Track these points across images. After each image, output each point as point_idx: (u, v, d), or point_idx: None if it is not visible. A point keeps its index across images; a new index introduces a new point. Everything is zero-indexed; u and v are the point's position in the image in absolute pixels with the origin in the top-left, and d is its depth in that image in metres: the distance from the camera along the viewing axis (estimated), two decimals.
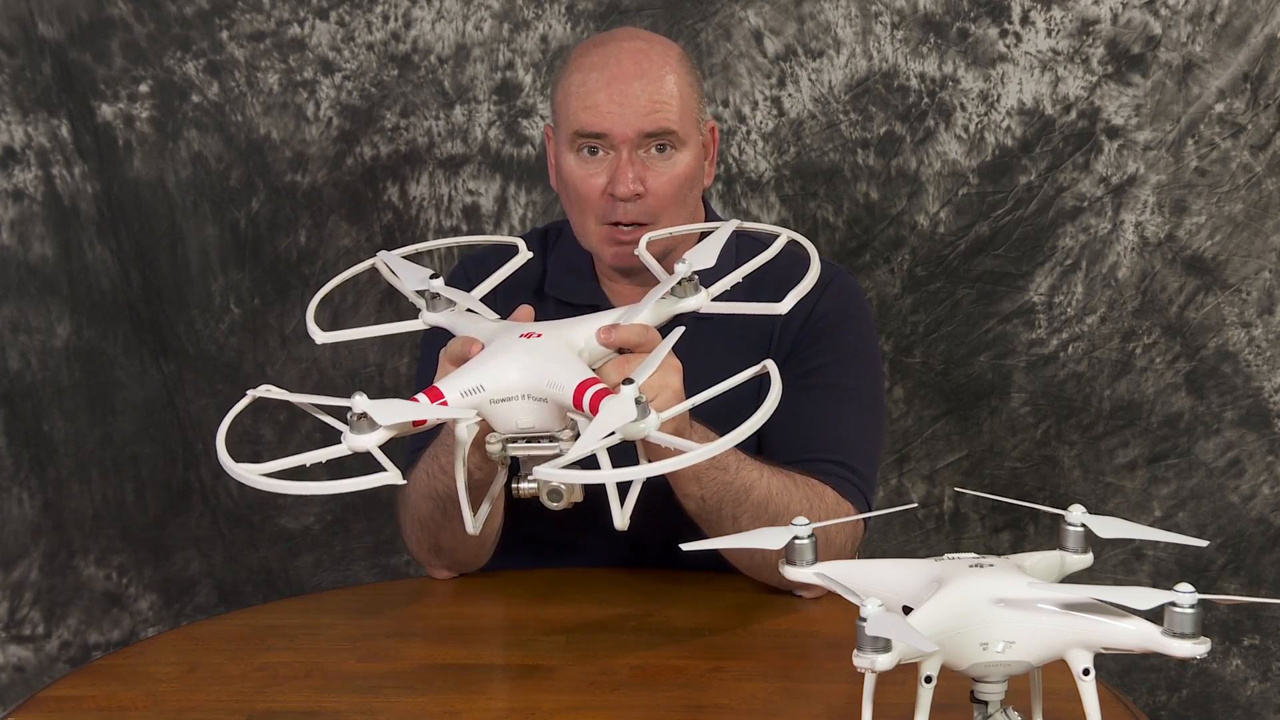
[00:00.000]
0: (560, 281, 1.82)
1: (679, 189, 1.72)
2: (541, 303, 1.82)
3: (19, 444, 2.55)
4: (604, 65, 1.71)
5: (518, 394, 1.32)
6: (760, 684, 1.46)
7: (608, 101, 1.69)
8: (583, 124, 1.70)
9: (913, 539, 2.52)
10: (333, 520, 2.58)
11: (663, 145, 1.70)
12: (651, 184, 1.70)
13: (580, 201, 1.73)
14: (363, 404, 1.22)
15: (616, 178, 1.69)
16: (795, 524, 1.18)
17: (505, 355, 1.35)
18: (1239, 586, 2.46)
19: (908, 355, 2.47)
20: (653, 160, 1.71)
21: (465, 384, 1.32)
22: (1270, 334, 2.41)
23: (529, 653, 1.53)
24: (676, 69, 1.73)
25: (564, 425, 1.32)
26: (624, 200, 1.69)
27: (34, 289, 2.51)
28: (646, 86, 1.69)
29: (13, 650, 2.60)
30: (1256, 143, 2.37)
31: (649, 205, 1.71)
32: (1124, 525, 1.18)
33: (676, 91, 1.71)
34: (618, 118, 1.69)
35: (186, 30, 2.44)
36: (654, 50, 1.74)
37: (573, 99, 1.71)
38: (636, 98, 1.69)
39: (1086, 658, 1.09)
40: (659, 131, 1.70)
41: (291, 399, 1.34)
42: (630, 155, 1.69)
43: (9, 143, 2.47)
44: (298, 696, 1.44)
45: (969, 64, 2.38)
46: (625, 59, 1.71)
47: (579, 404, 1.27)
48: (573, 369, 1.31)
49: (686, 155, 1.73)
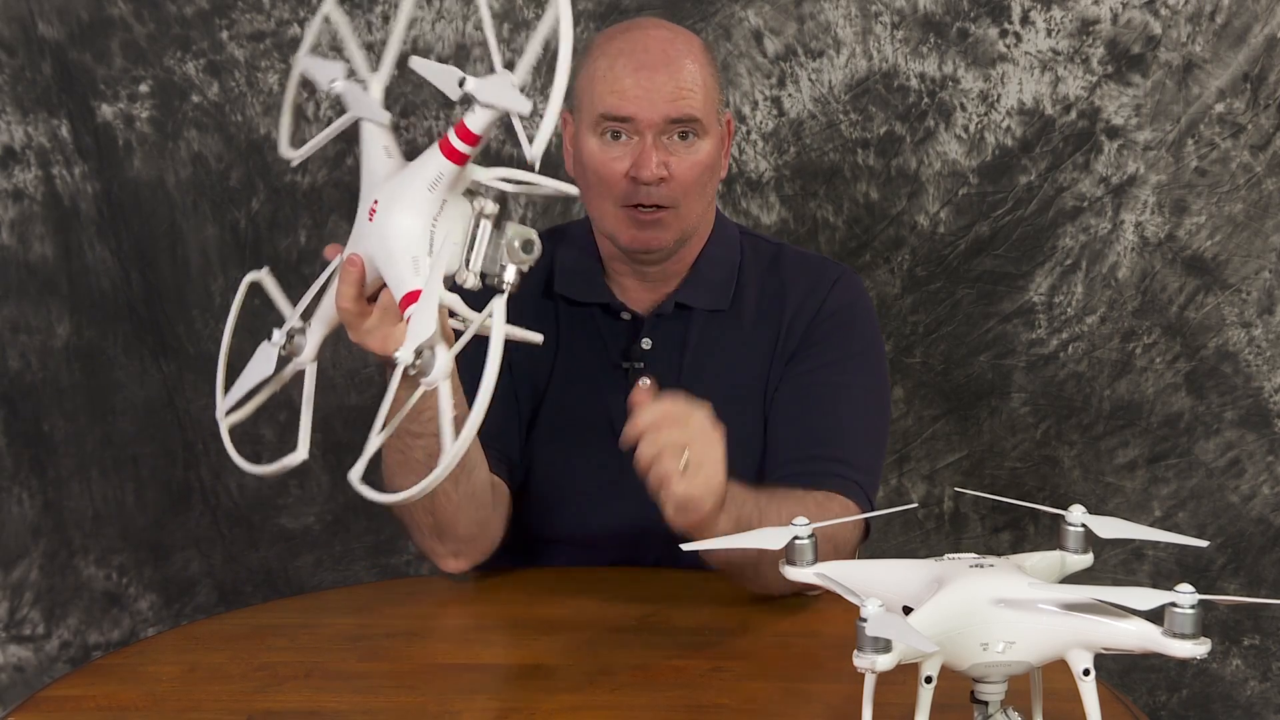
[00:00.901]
0: (568, 280, 1.83)
1: (700, 175, 1.73)
2: (549, 303, 1.82)
3: (19, 444, 2.55)
4: (631, 51, 1.72)
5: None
6: (760, 684, 1.46)
7: (635, 86, 1.70)
8: (609, 107, 1.71)
9: (913, 539, 2.52)
10: (333, 520, 2.59)
11: (685, 132, 1.72)
12: (675, 169, 1.71)
13: (601, 185, 1.73)
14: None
15: (641, 161, 1.70)
16: (795, 524, 1.18)
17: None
18: (1239, 586, 2.46)
19: (908, 355, 2.47)
20: (676, 146, 1.72)
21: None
22: (1270, 334, 2.41)
23: (529, 653, 1.53)
24: (700, 59, 1.74)
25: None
26: (647, 184, 1.70)
27: (34, 289, 2.51)
28: (674, 73, 1.71)
29: (13, 650, 2.60)
30: (1256, 143, 2.37)
31: (672, 190, 1.72)
32: (1124, 525, 1.18)
33: (701, 80, 1.72)
34: (645, 102, 1.70)
35: (186, 30, 2.44)
36: (679, 39, 1.75)
37: (599, 83, 1.72)
38: (663, 84, 1.70)
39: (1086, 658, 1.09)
40: (684, 118, 1.71)
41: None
42: (655, 140, 1.70)
43: (9, 143, 2.47)
44: (298, 696, 1.44)
45: (969, 64, 2.38)
46: (653, 46, 1.72)
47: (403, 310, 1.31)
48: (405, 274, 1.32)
49: (708, 144, 1.74)
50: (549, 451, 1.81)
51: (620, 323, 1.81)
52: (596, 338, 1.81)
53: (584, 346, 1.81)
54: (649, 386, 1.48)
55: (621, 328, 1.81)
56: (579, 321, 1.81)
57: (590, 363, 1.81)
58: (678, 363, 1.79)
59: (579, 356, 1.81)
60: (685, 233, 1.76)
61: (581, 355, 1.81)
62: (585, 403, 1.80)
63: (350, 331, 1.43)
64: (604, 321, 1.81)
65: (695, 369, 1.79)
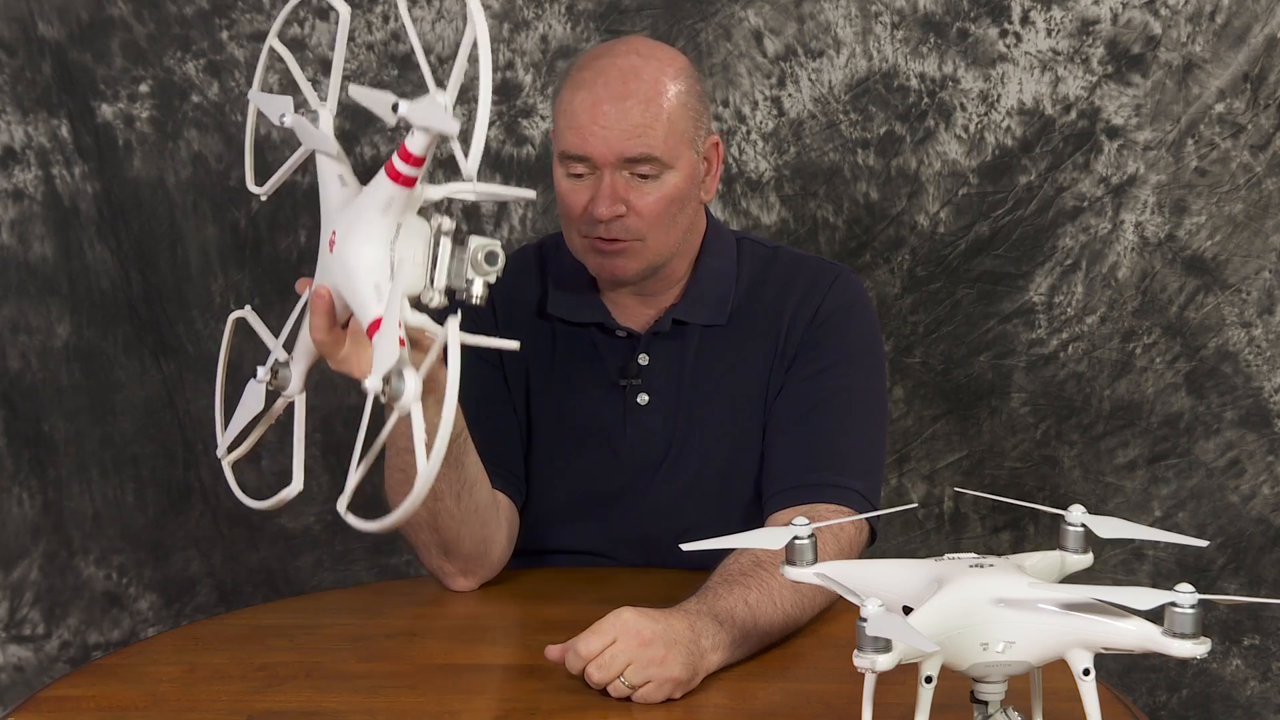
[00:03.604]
0: (561, 300, 1.82)
1: (665, 209, 1.70)
2: (545, 324, 1.82)
3: (19, 444, 2.55)
4: (592, 84, 1.68)
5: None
6: (760, 684, 1.46)
7: (590, 124, 1.67)
8: (567, 145, 1.69)
9: (913, 539, 2.52)
10: (333, 520, 2.58)
11: (644, 172, 1.69)
12: (636, 203, 1.68)
13: (567, 214, 1.73)
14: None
15: (597, 198, 1.68)
16: (795, 524, 1.18)
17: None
18: (1239, 586, 2.46)
19: (908, 355, 2.47)
20: (636, 182, 1.69)
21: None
22: (1270, 334, 2.41)
23: (529, 653, 1.53)
24: (670, 87, 1.69)
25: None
26: (603, 221, 1.69)
27: (34, 289, 2.51)
28: (630, 109, 1.66)
29: (13, 650, 2.60)
30: (1256, 143, 2.37)
31: (633, 224, 1.69)
32: (1124, 525, 1.18)
33: (665, 113, 1.67)
34: (599, 141, 1.66)
35: (186, 30, 2.44)
36: (647, 68, 1.69)
37: (562, 116, 1.70)
38: (617, 121, 1.66)
39: (1086, 658, 1.09)
40: (639, 157, 1.67)
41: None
42: (613, 177, 1.68)
43: (9, 143, 2.47)
44: (298, 696, 1.44)
45: (969, 64, 2.38)
46: (614, 79, 1.68)
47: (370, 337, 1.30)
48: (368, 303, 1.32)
49: (675, 177, 1.70)
50: (549, 470, 1.81)
51: (617, 340, 1.80)
52: (594, 356, 1.80)
53: (581, 365, 1.80)
54: (553, 652, 1.46)
55: (618, 345, 1.80)
56: (575, 340, 1.81)
57: (588, 381, 1.80)
58: (676, 379, 1.79)
59: (577, 375, 1.80)
60: (654, 262, 1.73)
61: (579, 374, 1.80)
62: (584, 421, 1.80)
63: (329, 361, 1.43)
64: (600, 340, 1.80)
65: (694, 385, 1.79)
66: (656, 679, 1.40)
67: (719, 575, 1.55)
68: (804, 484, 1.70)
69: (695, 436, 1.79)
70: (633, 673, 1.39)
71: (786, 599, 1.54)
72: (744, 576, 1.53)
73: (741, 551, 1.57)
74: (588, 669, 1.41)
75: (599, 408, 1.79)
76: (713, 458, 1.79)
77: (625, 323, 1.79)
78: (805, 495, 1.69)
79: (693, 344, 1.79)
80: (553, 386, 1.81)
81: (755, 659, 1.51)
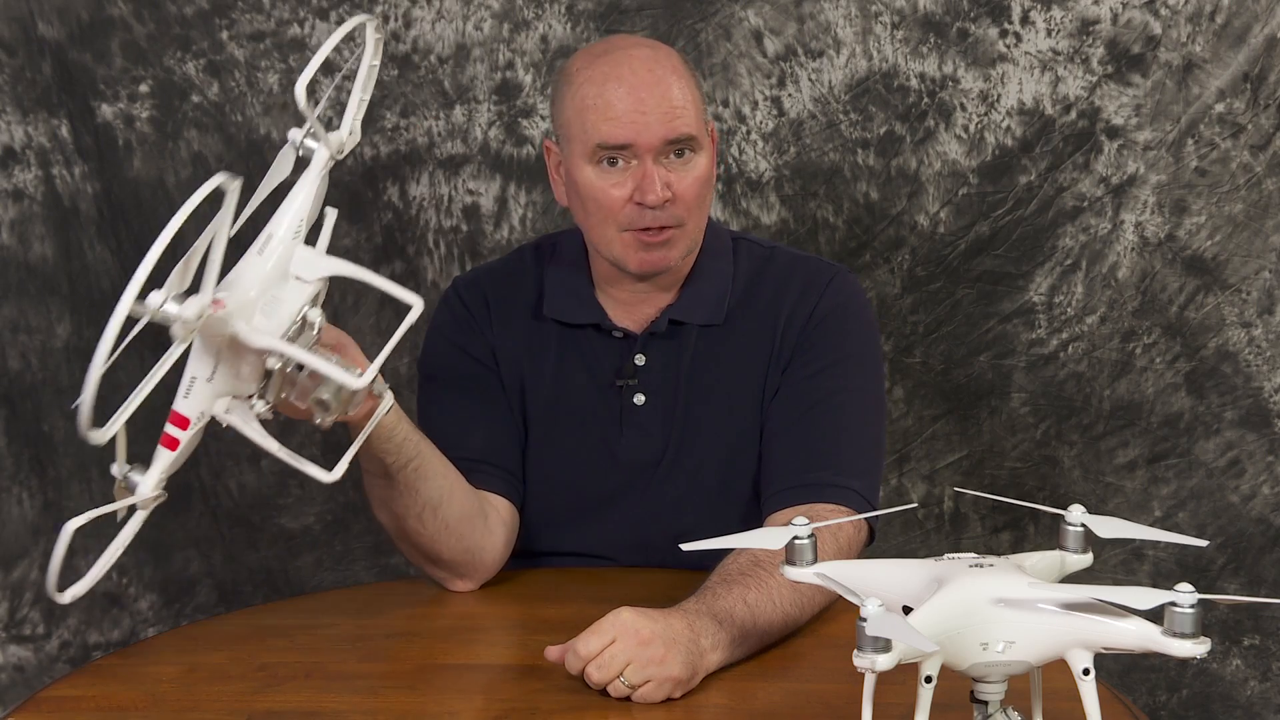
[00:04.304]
0: (558, 302, 1.82)
1: (701, 191, 1.73)
2: (541, 325, 1.82)
3: (19, 444, 2.55)
4: (619, 76, 1.70)
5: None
6: (760, 684, 1.46)
7: (629, 112, 1.68)
8: (605, 136, 1.69)
9: (913, 539, 2.52)
10: (333, 520, 2.59)
11: (681, 150, 1.71)
12: (677, 188, 1.70)
13: (602, 212, 1.72)
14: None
15: (644, 186, 1.68)
16: (795, 524, 1.18)
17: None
18: (1239, 586, 2.46)
19: (908, 355, 2.47)
20: (674, 165, 1.71)
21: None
22: (1270, 334, 2.41)
23: (528, 653, 1.53)
24: (683, 73, 1.74)
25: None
26: (653, 208, 1.69)
27: (34, 289, 2.51)
28: (664, 94, 1.69)
29: (13, 650, 2.60)
30: (1256, 143, 2.37)
31: (677, 210, 1.71)
32: (1124, 525, 1.18)
33: (690, 96, 1.72)
34: (641, 127, 1.68)
35: (186, 30, 2.44)
36: (660, 56, 1.74)
37: (590, 112, 1.70)
38: (656, 105, 1.68)
39: (1086, 658, 1.09)
40: (680, 138, 1.70)
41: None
42: (654, 164, 1.69)
43: (9, 143, 2.47)
44: (298, 696, 1.44)
45: (969, 64, 2.38)
46: (639, 67, 1.70)
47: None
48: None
49: (703, 158, 1.73)
50: (546, 471, 1.81)
51: (613, 341, 1.80)
52: (591, 357, 1.80)
53: (578, 366, 1.81)
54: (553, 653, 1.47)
55: (615, 346, 1.80)
56: (572, 341, 1.81)
57: (585, 381, 1.80)
58: (673, 380, 1.79)
59: (574, 376, 1.81)
60: (690, 248, 1.76)
61: (576, 374, 1.81)
62: (581, 421, 1.80)
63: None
64: (597, 340, 1.80)
65: (691, 385, 1.79)
66: (656, 678, 1.40)
67: (718, 575, 1.55)
68: (803, 484, 1.70)
69: (693, 437, 1.79)
70: (632, 672, 1.39)
71: (786, 598, 1.54)
72: (743, 576, 1.54)
73: (740, 551, 1.57)
74: (587, 669, 1.41)
75: (596, 409, 1.79)
76: (710, 458, 1.79)
77: (622, 323, 1.80)
78: (804, 495, 1.69)
79: (690, 344, 1.79)
80: (549, 388, 1.81)
81: (755, 659, 1.52)
